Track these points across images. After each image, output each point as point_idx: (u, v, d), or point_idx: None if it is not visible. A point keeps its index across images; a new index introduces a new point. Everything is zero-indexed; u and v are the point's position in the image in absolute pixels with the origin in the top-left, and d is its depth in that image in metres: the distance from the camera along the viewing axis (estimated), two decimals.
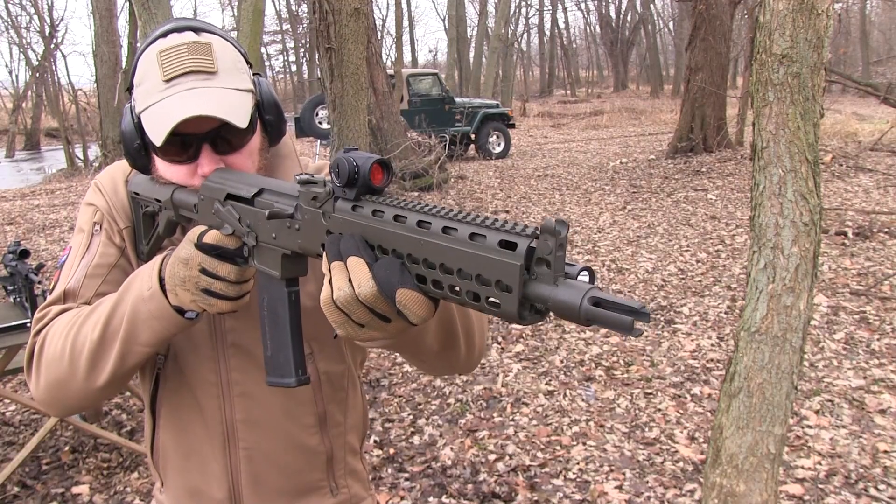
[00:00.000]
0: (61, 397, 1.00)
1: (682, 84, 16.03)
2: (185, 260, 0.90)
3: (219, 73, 0.98)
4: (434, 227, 0.66)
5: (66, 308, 1.04)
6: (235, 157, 1.02)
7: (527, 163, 12.94)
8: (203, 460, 1.11)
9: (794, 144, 1.69)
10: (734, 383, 1.85)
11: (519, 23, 38.39)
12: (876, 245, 5.95)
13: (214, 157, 0.99)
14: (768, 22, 1.68)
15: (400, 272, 0.68)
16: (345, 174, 0.75)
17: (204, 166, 0.99)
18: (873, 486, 2.72)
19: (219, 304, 0.91)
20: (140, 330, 0.94)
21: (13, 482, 2.93)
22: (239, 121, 0.96)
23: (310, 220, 0.82)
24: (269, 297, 0.94)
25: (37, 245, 7.48)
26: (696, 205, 8.11)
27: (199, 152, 0.99)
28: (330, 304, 0.73)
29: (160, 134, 0.94)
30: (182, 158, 1.00)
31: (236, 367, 1.08)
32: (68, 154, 16.84)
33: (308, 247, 0.83)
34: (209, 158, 0.99)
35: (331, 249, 0.74)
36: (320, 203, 0.80)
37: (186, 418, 1.10)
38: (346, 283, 0.71)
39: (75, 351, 0.96)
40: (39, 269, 2.89)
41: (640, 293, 5.21)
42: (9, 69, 51.68)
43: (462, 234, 0.64)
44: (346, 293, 0.71)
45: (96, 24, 16.94)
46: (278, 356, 0.94)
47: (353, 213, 0.75)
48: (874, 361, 3.83)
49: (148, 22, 4.64)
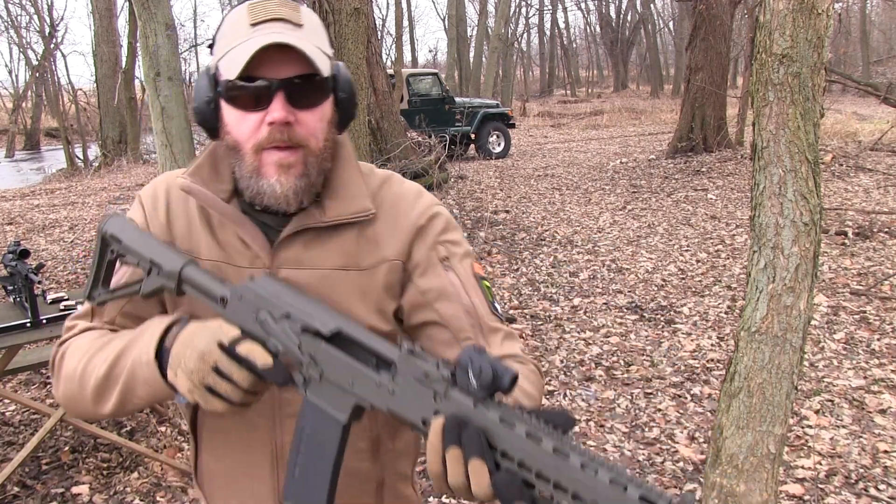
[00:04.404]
0: (74, 408, 1.03)
1: (682, 84, 16.04)
2: (202, 354, 0.86)
3: (305, 27, 0.97)
4: (572, 460, 0.67)
5: (91, 327, 1.06)
6: (307, 115, 0.97)
7: (527, 163, 12.94)
8: (250, 482, 1.07)
9: (795, 144, 1.69)
10: (734, 383, 1.85)
11: (519, 23, 38.39)
12: (876, 245, 5.95)
13: (287, 106, 0.95)
14: (768, 22, 1.68)
15: (520, 491, 0.70)
16: (486, 383, 0.73)
17: (274, 112, 0.94)
18: (873, 486, 2.72)
19: (215, 404, 0.87)
20: (137, 386, 0.94)
21: (13, 482, 2.93)
22: (320, 67, 0.94)
23: (412, 391, 0.79)
24: (315, 429, 0.87)
25: (37, 245, 7.48)
26: (697, 205, 8.11)
27: (271, 101, 0.95)
28: (441, 480, 0.76)
29: (238, 64, 0.92)
30: (252, 105, 0.95)
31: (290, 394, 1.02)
32: (68, 154, 16.84)
33: (403, 415, 0.80)
34: (281, 105, 0.94)
35: (450, 434, 0.74)
36: (432, 383, 0.77)
37: (233, 438, 1.06)
38: (462, 475, 0.73)
39: (84, 378, 0.98)
40: (39, 269, 2.89)
41: (640, 293, 5.21)
42: (9, 69, 51.69)
43: (602, 477, 0.65)
44: (460, 483, 0.73)
45: (96, 24, 16.95)
46: (308, 481, 0.88)
47: (476, 410, 0.74)
48: (874, 361, 3.83)
49: (148, 22, 4.64)
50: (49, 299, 3.09)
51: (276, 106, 0.94)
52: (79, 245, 7.45)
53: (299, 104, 0.96)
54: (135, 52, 15.36)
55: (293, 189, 0.97)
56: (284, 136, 0.95)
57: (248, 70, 0.92)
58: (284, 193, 0.97)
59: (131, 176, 13.97)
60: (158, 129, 4.87)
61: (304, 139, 0.97)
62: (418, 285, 1.04)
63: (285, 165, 0.96)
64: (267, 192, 0.97)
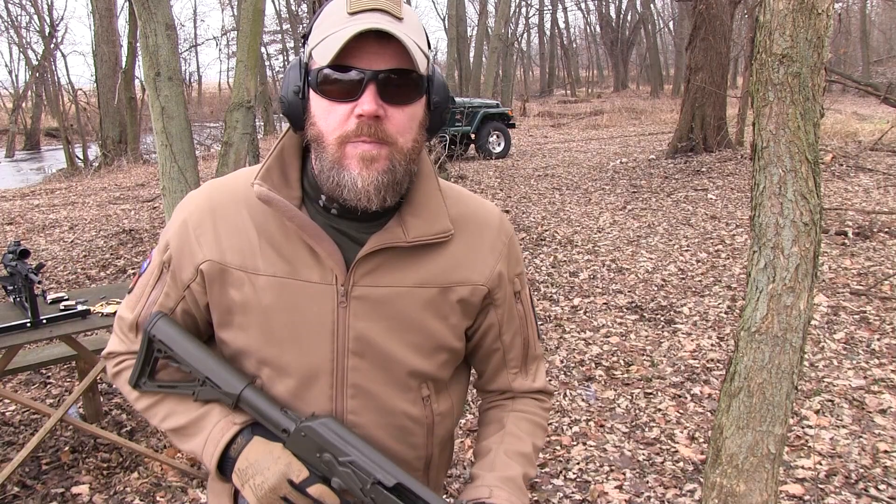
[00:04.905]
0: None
1: (682, 84, 16.03)
2: (274, 488, 0.94)
3: (405, 21, 0.93)
4: None
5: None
6: (397, 112, 0.93)
7: (527, 163, 12.94)
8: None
9: (795, 144, 1.69)
10: (734, 383, 1.85)
11: (519, 23, 38.37)
12: (876, 245, 5.95)
13: (378, 99, 0.90)
14: (768, 22, 1.68)
15: None
16: None
17: (364, 104, 0.89)
18: (873, 486, 2.72)
19: None
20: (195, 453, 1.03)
21: (13, 482, 2.93)
22: (418, 63, 0.90)
23: None
24: None
25: (37, 245, 7.48)
26: (696, 204, 8.10)
27: (362, 92, 0.90)
28: None
29: (332, 50, 0.88)
30: (343, 95, 0.91)
31: (354, 409, 1.03)
32: (68, 154, 16.86)
33: None
34: (373, 97, 0.90)
35: None
36: None
37: None
38: None
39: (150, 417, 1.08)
40: (39, 269, 2.89)
41: (640, 293, 5.21)
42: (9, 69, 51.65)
43: None
44: None
45: (96, 24, 16.95)
46: None
47: None
48: (874, 361, 3.83)
49: (148, 22, 4.63)
50: (49, 299, 3.09)
51: (367, 98, 0.90)
52: (79, 245, 7.44)
53: (392, 99, 0.92)
54: (135, 52, 15.36)
55: (375, 184, 0.92)
56: (372, 130, 0.91)
57: (342, 58, 0.89)
58: (365, 188, 0.92)
59: (131, 176, 13.97)
60: (158, 129, 4.87)
61: (392, 136, 0.93)
62: (497, 316, 1.10)
63: (368, 159, 0.92)
64: (347, 185, 0.93)
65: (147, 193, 10.89)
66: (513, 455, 1.09)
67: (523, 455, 1.09)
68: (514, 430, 1.12)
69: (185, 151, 4.98)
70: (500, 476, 1.05)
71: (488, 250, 1.06)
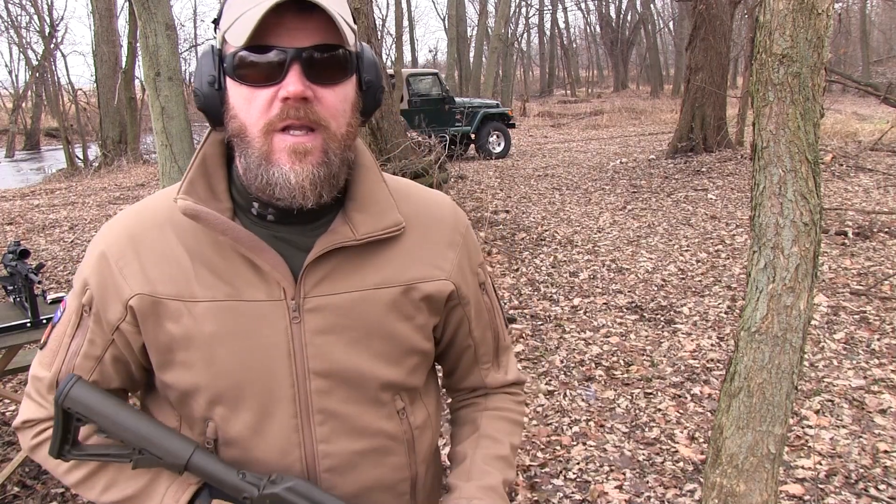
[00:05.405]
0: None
1: (682, 84, 16.04)
2: None
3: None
4: None
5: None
6: (327, 93, 0.83)
7: (527, 163, 12.94)
8: None
9: (795, 144, 1.69)
10: (734, 383, 1.85)
11: (519, 23, 38.39)
12: (876, 245, 5.95)
13: (304, 80, 0.80)
14: (768, 22, 1.68)
15: None
16: None
17: (289, 85, 0.79)
18: (873, 486, 2.72)
19: None
20: None
21: (13, 482, 2.93)
22: (347, 37, 0.81)
23: None
24: None
25: (37, 245, 7.48)
26: (696, 205, 8.11)
27: (286, 73, 0.80)
28: None
29: (247, 27, 0.78)
30: (264, 78, 0.81)
31: (324, 436, 0.91)
32: (68, 154, 16.86)
33: None
34: (298, 77, 0.80)
35: None
36: None
37: None
38: None
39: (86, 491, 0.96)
40: (39, 269, 2.89)
41: (640, 293, 5.21)
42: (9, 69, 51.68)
43: None
44: None
45: (96, 24, 16.95)
46: None
47: None
48: (874, 361, 3.83)
49: (148, 22, 4.64)
50: (49, 299, 3.09)
51: (291, 78, 0.80)
52: (79, 245, 7.45)
53: (319, 79, 0.82)
54: (135, 52, 15.36)
55: (310, 179, 0.83)
56: (300, 114, 0.81)
57: (258, 37, 0.79)
58: (300, 184, 0.83)
59: (131, 176, 13.97)
60: (158, 129, 4.88)
61: (323, 119, 0.83)
62: (466, 312, 1.03)
63: (301, 152, 0.82)
64: (279, 183, 0.83)
65: (147, 193, 10.89)
66: (490, 460, 1.02)
67: (502, 458, 1.03)
68: (490, 432, 1.06)
69: (185, 151, 4.98)
70: (479, 486, 0.99)
71: (446, 243, 0.98)
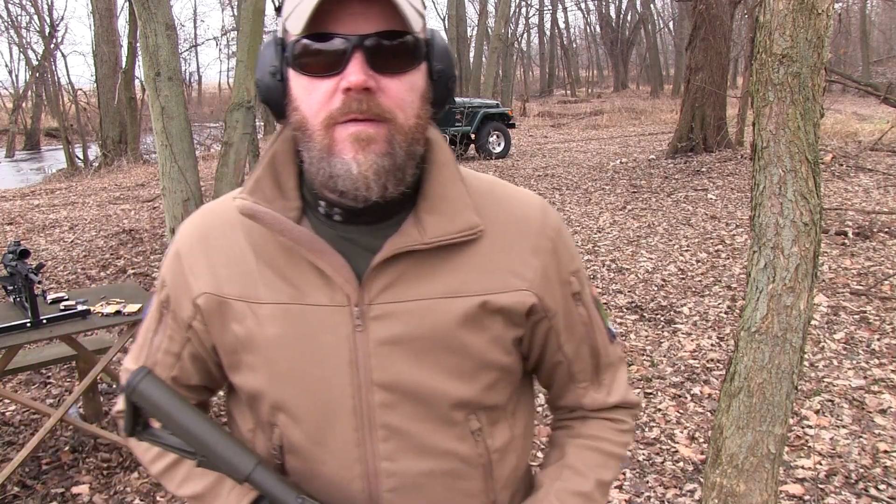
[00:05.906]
0: None
1: (682, 84, 16.03)
2: None
3: None
4: None
5: None
6: (392, 83, 0.77)
7: (527, 163, 12.94)
8: None
9: (795, 144, 1.69)
10: (734, 383, 1.85)
11: (519, 23, 38.38)
12: (876, 245, 5.95)
13: (367, 69, 0.75)
14: (768, 22, 1.68)
15: None
16: None
17: (351, 75, 0.74)
18: (873, 486, 2.72)
19: None
20: None
21: (13, 482, 2.93)
22: (412, 23, 0.75)
23: None
24: None
25: (37, 245, 7.48)
26: (696, 205, 8.11)
27: (347, 62, 0.75)
28: None
29: (306, 13, 0.73)
30: (324, 68, 0.76)
31: (388, 454, 0.85)
32: (68, 154, 16.87)
33: None
34: (360, 67, 0.75)
35: None
36: None
37: None
38: None
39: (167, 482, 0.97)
40: (39, 269, 2.89)
41: (640, 293, 5.21)
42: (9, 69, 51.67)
43: None
44: None
45: (96, 24, 16.95)
46: None
47: None
48: (874, 361, 3.83)
49: (148, 22, 4.64)
50: (49, 299, 3.09)
51: (353, 68, 0.75)
52: (79, 245, 7.45)
53: (384, 68, 0.76)
54: (135, 52, 15.37)
55: (374, 169, 0.77)
56: (363, 107, 0.75)
57: (318, 24, 0.74)
58: (363, 174, 0.77)
59: (131, 176, 13.97)
60: (158, 129, 4.88)
61: (389, 111, 0.77)
62: (554, 325, 0.92)
63: (364, 139, 0.76)
64: (341, 174, 0.77)
65: (147, 193, 10.89)
66: (566, 496, 0.93)
67: (580, 495, 0.94)
68: (575, 463, 0.96)
69: (185, 151, 4.98)
70: None
71: (529, 249, 0.88)
